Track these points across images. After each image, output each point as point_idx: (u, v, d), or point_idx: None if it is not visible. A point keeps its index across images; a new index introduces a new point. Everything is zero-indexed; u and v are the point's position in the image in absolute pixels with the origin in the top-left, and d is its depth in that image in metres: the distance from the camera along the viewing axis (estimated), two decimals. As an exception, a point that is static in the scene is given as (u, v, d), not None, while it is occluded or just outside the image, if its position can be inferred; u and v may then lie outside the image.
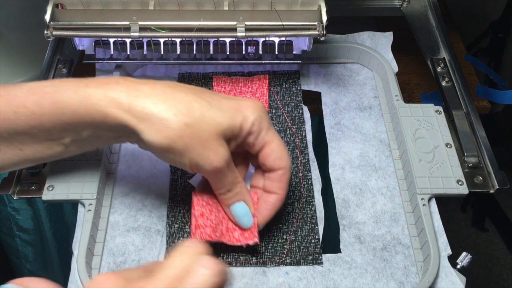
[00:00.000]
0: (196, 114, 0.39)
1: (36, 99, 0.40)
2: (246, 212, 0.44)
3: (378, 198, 0.50)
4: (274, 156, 0.43)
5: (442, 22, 0.63)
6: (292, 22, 0.51)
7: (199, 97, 0.40)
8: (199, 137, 0.39)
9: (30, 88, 0.40)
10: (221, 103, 0.41)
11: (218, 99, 0.41)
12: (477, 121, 0.54)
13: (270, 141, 0.43)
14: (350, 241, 0.48)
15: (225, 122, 0.40)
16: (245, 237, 0.44)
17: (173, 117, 0.38)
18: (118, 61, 0.57)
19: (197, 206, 0.45)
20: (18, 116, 0.40)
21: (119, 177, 0.52)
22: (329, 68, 0.62)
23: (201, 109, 0.39)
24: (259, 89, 0.58)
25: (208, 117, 0.39)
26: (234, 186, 0.43)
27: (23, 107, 0.40)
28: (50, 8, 0.51)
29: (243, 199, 0.44)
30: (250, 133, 0.42)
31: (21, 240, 0.82)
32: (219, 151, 0.40)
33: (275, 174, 0.44)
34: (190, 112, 0.39)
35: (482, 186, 0.49)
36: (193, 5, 0.52)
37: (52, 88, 0.40)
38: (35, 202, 0.78)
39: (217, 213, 0.45)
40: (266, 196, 0.45)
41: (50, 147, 0.42)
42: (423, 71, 0.69)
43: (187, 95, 0.40)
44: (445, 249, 0.46)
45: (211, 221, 0.44)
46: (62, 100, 0.39)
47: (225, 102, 0.41)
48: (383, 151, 0.54)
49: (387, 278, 0.45)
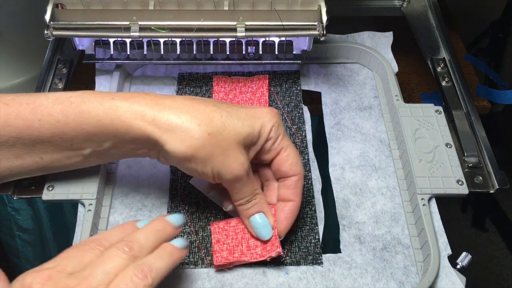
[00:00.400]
0: (218, 123, 0.41)
1: (62, 108, 0.41)
2: (265, 223, 0.44)
3: (378, 198, 0.50)
4: (290, 161, 0.44)
5: (442, 22, 0.63)
6: (292, 22, 0.51)
7: (219, 107, 0.42)
8: (221, 146, 0.40)
9: (56, 98, 0.42)
10: (239, 112, 0.43)
11: (236, 109, 0.43)
12: (477, 121, 0.54)
13: (286, 147, 0.44)
14: (350, 241, 0.48)
15: (245, 130, 0.42)
16: (267, 250, 0.45)
17: (196, 127, 0.40)
18: (118, 61, 0.57)
19: (214, 234, 0.47)
20: (43, 124, 0.41)
21: (119, 177, 0.52)
22: (329, 68, 0.62)
23: (222, 119, 0.41)
24: (259, 89, 0.58)
25: (228, 126, 0.41)
26: (253, 197, 0.44)
27: (48, 116, 0.41)
28: (50, 8, 0.51)
29: (262, 210, 0.45)
30: (268, 139, 0.43)
31: (21, 240, 0.82)
32: (240, 159, 0.41)
33: (290, 181, 0.45)
34: (211, 121, 0.41)
35: (482, 186, 0.49)
36: (193, 5, 0.52)
37: (79, 99, 0.41)
38: (35, 202, 0.78)
39: (235, 235, 0.46)
40: (282, 205, 0.45)
41: (69, 157, 0.44)
42: (423, 71, 0.69)
43: (207, 106, 0.42)
44: (445, 249, 0.46)
45: (228, 245, 0.45)
46: (88, 110, 0.41)
47: (243, 111, 0.43)
48: (383, 151, 0.54)
49: (387, 278, 0.45)
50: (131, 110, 0.41)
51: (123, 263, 0.35)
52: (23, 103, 0.41)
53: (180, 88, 0.58)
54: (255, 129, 0.42)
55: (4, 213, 0.79)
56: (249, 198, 0.44)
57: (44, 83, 0.57)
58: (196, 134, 0.40)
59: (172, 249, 0.38)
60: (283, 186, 0.45)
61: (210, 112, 0.41)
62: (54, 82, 0.58)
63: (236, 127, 0.41)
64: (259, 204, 0.44)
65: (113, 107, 0.41)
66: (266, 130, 0.43)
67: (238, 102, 0.56)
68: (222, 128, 0.41)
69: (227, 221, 0.47)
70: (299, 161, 0.45)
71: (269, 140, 0.44)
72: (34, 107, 0.41)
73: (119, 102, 0.41)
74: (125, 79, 0.59)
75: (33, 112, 0.41)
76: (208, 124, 0.40)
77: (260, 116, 0.43)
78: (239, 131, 0.41)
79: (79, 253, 0.36)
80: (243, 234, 0.46)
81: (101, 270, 0.34)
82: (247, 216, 0.45)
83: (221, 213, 0.49)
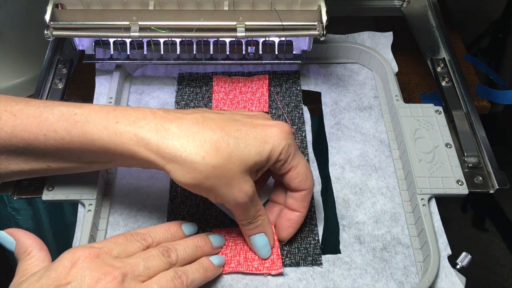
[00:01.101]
0: (224, 154, 0.39)
1: (67, 126, 0.41)
2: (265, 243, 0.45)
3: (378, 198, 0.50)
4: (300, 179, 0.44)
5: (442, 22, 0.63)
6: (292, 22, 0.51)
7: (227, 133, 0.41)
8: (225, 177, 0.40)
9: (61, 114, 0.41)
10: (248, 138, 0.41)
11: (246, 133, 0.41)
12: (477, 121, 0.54)
13: (296, 165, 0.43)
14: (350, 241, 0.48)
15: (252, 159, 0.41)
16: (266, 267, 0.45)
17: (201, 160, 0.39)
18: (118, 61, 0.57)
19: None
20: (48, 139, 0.41)
21: (119, 177, 0.52)
22: (329, 68, 0.62)
23: (229, 148, 0.40)
24: (259, 89, 0.58)
25: (235, 157, 0.40)
26: (256, 219, 0.44)
27: (53, 132, 0.41)
28: (50, 8, 0.51)
29: (263, 231, 0.45)
30: (278, 161, 0.43)
31: (21, 240, 0.82)
32: (243, 188, 0.41)
33: (299, 194, 0.45)
34: (217, 153, 0.39)
35: (482, 186, 0.49)
36: (193, 5, 0.52)
37: (82, 118, 0.41)
38: (35, 202, 0.77)
39: (234, 246, 0.46)
40: (289, 213, 0.46)
41: (77, 167, 0.44)
42: (423, 71, 0.69)
43: (214, 133, 0.40)
44: (445, 249, 0.46)
45: (226, 255, 0.45)
46: (92, 133, 0.40)
47: (252, 135, 0.41)
48: (383, 151, 0.54)
49: (386, 279, 0.45)
50: (135, 138, 0.40)
51: (162, 265, 0.38)
52: (30, 116, 0.41)
53: (180, 88, 0.58)
54: (263, 155, 0.41)
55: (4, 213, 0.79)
56: (251, 220, 0.44)
57: (44, 83, 0.57)
58: (200, 167, 0.39)
59: (208, 265, 0.42)
60: (291, 197, 0.45)
61: (217, 141, 0.40)
62: (54, 82, 0.58)
63: (243, 155, 0.40)
64: (261, 226, 0.44)
65: (117, 133, 0.40)
66: (275, 154, 0.42)
67: (238, 102, 0.56)
68: (228, 159, 0.39)
69: (228, 230, 0.47)
70: (309, 176, 0.45)
71: (278, 162, 0.43)
72: (40, 121, 0.41)
73: (123, 127, 0.40)
74: (125, 79, 0.59)
75: (38, 126, 0.41)
76: (213, 156, 0.39)
77: (271, 139, 0.42)
78: (245, 160, 0.40)
79: (125, 242, 0.39)
80: (242, 245, 0.46)
81: (144, 263, 0.37)
82: (248, 235, 0.45)
83: (221, 215, 0.49)
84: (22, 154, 0.42)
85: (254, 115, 0.45)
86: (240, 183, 0.40)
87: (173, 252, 0.40)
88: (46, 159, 0.43)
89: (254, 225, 0.44)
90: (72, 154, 0.42)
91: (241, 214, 0.43)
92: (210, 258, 0.43)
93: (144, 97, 0.58)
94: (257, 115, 0.45)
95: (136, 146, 0.40)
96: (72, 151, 0.42)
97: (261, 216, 0.44)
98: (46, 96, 0.56)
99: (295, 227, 0.46)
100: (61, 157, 0.42)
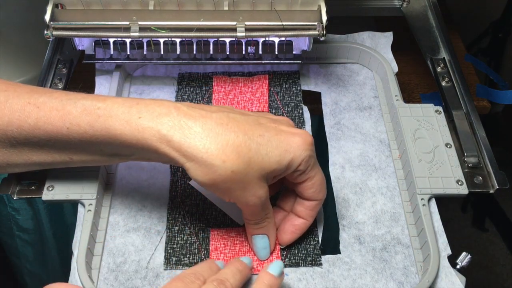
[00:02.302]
0: (244, 159, 0.39)
1: (89, 120, 0.41)
2: (265, 246, 0.45)
3: (378, 197, 0.50)
4: (314, 189, 0.44)
5: (442, 22, 0.63)
6: (292, 22, 0.51)
7: (249, 137, 0.40)
8: (242, 181, 0.40)
9: (84, 108, 0.41)
10: (270, 144, 0.41)
11: (268, 139, 0.41)
12: (477, 121, 0.54)
13: (313, 176, 0.43)
14: (350, 241, 0.48)
15: (271, 167, 0.40)
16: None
17: (221, 164, 0.39)
18: (118, 61, 0.57)
19: (212, 241, 0.47)
20: (71, 133, 0.41)
21: (119, 177, 0.52)
22: (329, 68, 0.62)
23: (249, 154, 0.40)
24: (259, 89, 0.58)
25: (254, 163, 0.40)
26: (263, 221, 0.44)
27: (77, 125, 0.41)
28: (50, 8, 0.51)
29: (267, 234, 0.45)
30: (296, 171, 0.42)
31: (21, 240, 0.82)
32: (258, 193, 0.41)
33: (310, 203, 0.45)
34: (238, 157, 0.39)
35: (482, 186, 0.49)
36: (193, 5, 0.52)
37: (105, 112, 0.41)
38: (35, 202, 0.78)
39: (233, 246, 0.46)
40: (294, 219, 0.46)
41: (99, 160, 0.44)
42: (423, 71, 0.69)
43: (237, 136, 0.40)
44: (445, 249, 0.46)
45: (225, 254, 0.46)
46: (114, 127, 0.40)
47: (275, 143, 0.41)
48: (383, 151, 0.54)
49: (386, 279, 0.45)
50: (157, 134, 0.39)
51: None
52: (54, 108, 0.41)
53: (180, 88, 0.58)
54: (282, 164, 0.41)
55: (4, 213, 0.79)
56: (258, 221, 0.44)
57: (44, 83, 0.57)
58: (220, 170, 0.39)
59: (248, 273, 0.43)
60: (301, 204, 0.45)
61: (239, 145, 0.39)
62: (54, 82, 0.58)
63: (262, 162, 0.40)
64: (266, 228, 0.44)
65: (139, 129, 0.40)
66: (295, 164, 0.42)
67: (238, 102, 0.56)
68: (247, 164, 0.39)
69: (227, 230, 0.47)
70: (324, 187, 0.45)
71: (296, 172, 0.42)
72: (63, 114, 0.41)
73: (146, 122, 0.40)
74: (125, 79, 0.59)
75: (61, 119, 0.41)
76: (234, 160, 0.39)
77: (292, 148, 0.41)
78: (264, 167, 0.40)
79: (184, 285, 0.39)
80: (241, 246, 0.46)
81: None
82: (251, 234, 0.45)
83: (221, 214, 0.49)
84: (45, 146, 0.42)
85: (278, 120, 0.44)
86: (255, 188, 0.40)
87: (227, 282, 0.40)
88: (68, 151, 0.43)
89: (260, 226, 0.44)
90: (94, 147, 0.42)
91: (250, 214, 0.43)
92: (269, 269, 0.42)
93: (144, 97, 0.58)
94: (281, 121, 0.44)
95: (158, 143, 0.40)
96: (94, 145, 0.42)
97: (268, 219, 0.44)
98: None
99: (298, 234, 0.46)
100: (84, 149, 0.43)
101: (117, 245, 0.47)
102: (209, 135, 0.39)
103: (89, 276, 0.43)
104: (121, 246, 0.47)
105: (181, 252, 0.46)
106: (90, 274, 0.44)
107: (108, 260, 0.46)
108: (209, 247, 0.46)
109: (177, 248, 0.47)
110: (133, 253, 0.46)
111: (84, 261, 0.44)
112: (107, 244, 0.47)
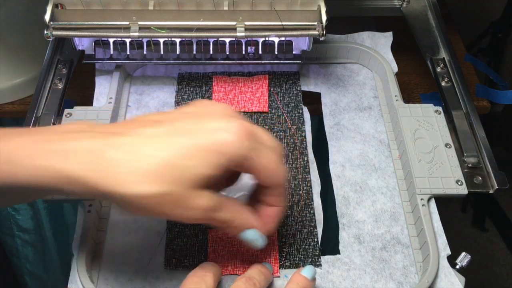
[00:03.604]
0: (168, 179, 0.35)
1: None
2: (256, 236, 0.41)
3: (378, 197, 0.51)
4: (270, 175, 0.40)
5: (442, 22, 0.63)
6: (292, 22, 0.51)
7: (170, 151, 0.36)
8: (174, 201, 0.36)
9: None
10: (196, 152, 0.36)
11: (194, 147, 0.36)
12: (477, 121, 0.54)
13: (264, 163, 0.39)
14: (350, 241, 0.48)
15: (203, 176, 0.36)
16: None
17: (143, 193, 0.35)
18: (118, 61, 0.57)
19: (210, 242, 0.46)
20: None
21: (119, 177, 0.51)
22: (329, 68, 0.62)
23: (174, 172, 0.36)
24: (259, 89, 0.58)
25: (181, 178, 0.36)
26: (233, 221, 0.40)
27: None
28: (50, 8, 0.51)
29: (246, 227, 0.41)
30: (239, 166, 0.39)
31: (21, 240, 0.82)
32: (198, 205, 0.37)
33: (271, 190, 0.42)
34: (161, 180, 0.35)
35: (482, 186, 0.49)
36: (193, 5, 0.52)
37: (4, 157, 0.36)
38: (35, 202, 0.78)
39: (231, 247, 0.46)
40: (268, 210, 0.43)
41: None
42: (423, 71, 0.69)
43: (157, 156, 0.36)
44: (444, 249, 0.46)
45: (223, 257, 0.45)
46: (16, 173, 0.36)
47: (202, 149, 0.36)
48: (382, 152, 0.54)
49: (386, 279, 0.45)
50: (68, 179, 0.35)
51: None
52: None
53: (180, 88, 0.58)
54: (216, 168, 0.36)
55: (4, 213, 0.79)
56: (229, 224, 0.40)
57: (44, 83, 0.57)
58: (144, 200, 0.35)
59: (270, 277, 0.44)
60: (266, 194, 0.42)
61: (160, 165, 0.35)
62: (54, 82, 0.58)
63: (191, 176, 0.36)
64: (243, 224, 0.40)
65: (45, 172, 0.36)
66: (232, 163, 0.37)
67: (238, 102, 0.56)
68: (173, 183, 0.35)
69: (225, 231, 0.47)
70: (281, 169, 0.40)
71: (241, 167, 0.39)
72: None
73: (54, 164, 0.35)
74: (125, 79, 0.59)
75: None
76: (158, 184, 0.35)
77: (224, 147, 0.37)
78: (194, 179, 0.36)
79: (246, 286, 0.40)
80: (239, 247, 0.46)
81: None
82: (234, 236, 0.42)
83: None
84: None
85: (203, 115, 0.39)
86: (192, 202, 0.36)
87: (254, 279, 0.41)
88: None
89: (235, 225, 0.40)
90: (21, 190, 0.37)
91: (215, 223, 0.39)
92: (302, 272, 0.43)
93: (144, 97, 0.58)
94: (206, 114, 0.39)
95: (70, 186, 0.35)
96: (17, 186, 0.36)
97: (239, 217, 0.40)
98: (46, 96, 0.56)
99: (276, 223, 0.43)
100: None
101: (117, 246, 0.47)
102: (126, 160, 0.35)
103: (89, 276, 0.43)
104: (121, 246, 0.47)
105: (181, 253, 0.46)
106: (90, 275, 0.44)
107: (108, 260, 0.46)
108: (207, 248, 0.46)
109: (177, 249, 0.47)
110: (133, 254, 0.46)
111: (84, 261, 0.44)
112: (107, 245, 0.47)
